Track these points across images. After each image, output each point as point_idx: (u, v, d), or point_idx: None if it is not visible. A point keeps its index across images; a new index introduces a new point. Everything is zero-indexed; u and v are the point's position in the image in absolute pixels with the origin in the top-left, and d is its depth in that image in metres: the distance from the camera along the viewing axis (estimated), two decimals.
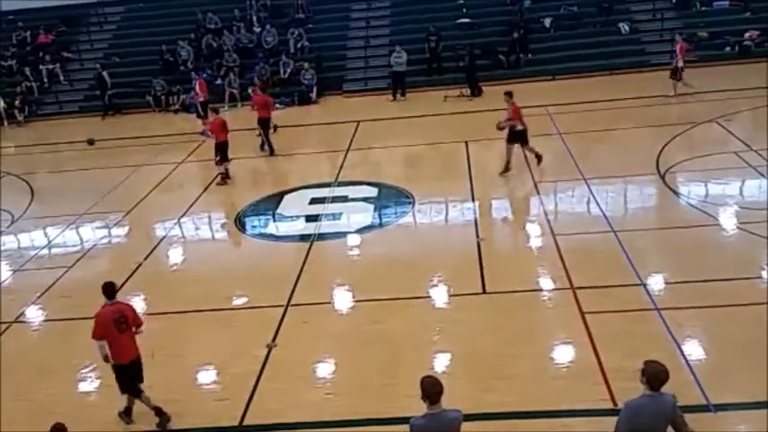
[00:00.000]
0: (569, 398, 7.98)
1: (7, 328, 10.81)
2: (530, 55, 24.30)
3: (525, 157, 15.34)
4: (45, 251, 13.79)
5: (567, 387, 8.21)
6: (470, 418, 6.47)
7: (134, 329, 8.32)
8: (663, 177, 14.12)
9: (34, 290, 11.77)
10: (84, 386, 9.31)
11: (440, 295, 10.72)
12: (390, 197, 14.96)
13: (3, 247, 14.17)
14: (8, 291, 12.24)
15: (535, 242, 12.29)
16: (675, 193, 13.64)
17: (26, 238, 14.56)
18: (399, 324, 9.94)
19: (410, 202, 14.46)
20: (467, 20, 25.82)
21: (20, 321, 11.00)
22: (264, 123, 18.01)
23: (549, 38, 25.19)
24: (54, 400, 8.78)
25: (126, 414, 8.39)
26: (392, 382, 8.66)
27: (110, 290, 8.34)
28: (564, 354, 8.92)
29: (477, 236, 12.48)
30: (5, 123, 24.09)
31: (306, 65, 24.12)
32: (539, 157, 15.09)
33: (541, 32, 25.29)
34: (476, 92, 22.38)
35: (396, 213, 14.24)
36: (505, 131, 14.98)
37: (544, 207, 13.44)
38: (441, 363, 8.99)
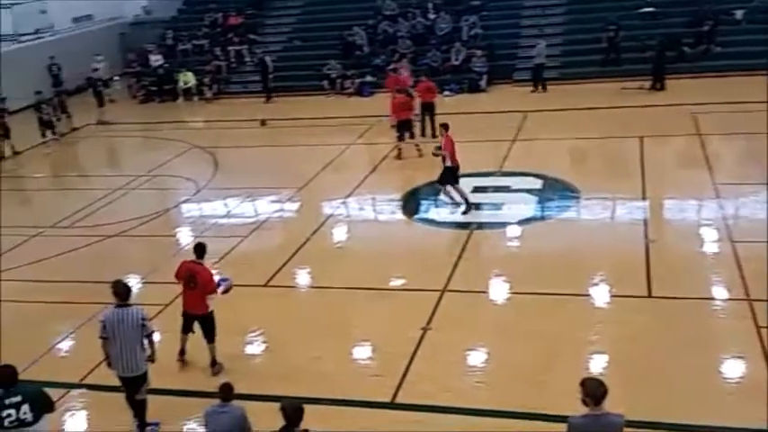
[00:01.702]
0: (734, 416, 7.52)
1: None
2: (718, 48, 22.75)
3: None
4: (224, 220, 14.81)
5: (733, 404, 7.73)
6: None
7: (206, 292, 8.97)
8: None
9: (212, 255, 12.62)
10: (251, 348, 9.94)
11: (601, 294, 10.40)
12: (555, 190, 14.64)
13: (186, 214, 15.39)
14: (189, 255, 13.25)
15: (710, 247, 11.59)
16: None
17: (208, 206, 15.70)
18: (556, 320, 9.77)
19: (576, 197, 14.08)
20: (650, 9, 24.57)
21: None
22: (429, 108, 18.26)
23: (740, 30, 23.42)
24: (224, 358, 9.40)
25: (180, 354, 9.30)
26: (544, 378, 8.56)
27: (199, 250, 9.17)
28: (733, 368, 8.39)
29: (646, 236, 11.96)
30: (196, 99, 25.98)
31: (478, 52, 24.01)
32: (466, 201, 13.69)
33: (732, 25, 23.57)
34: (657, 85, 21.29)
35: (559, 207, 13.93)
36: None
37: (723, 211, 12.62)
38: (597, 364, 8.76)
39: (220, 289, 9.26)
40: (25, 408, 6.45)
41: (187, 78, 25.95)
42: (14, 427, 6.44)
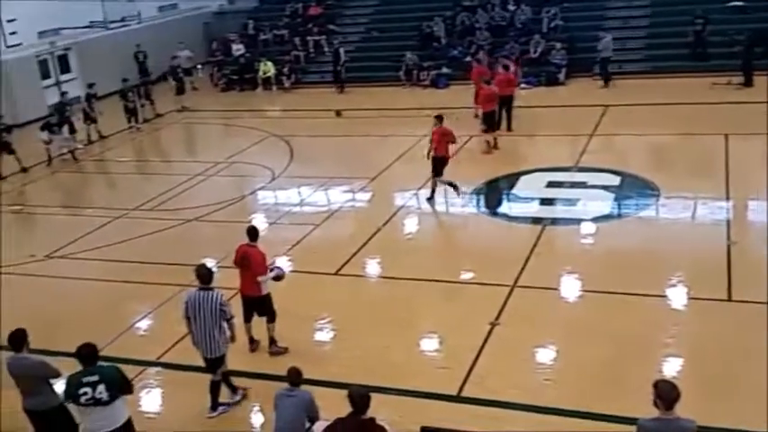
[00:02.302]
0: None
1: None
2: None
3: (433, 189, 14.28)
4: (297, 208, 15.06)
5: None
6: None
7: (256, 273, 9.13)
8: None
9: (286, 242, 12.92)
10: (321, 335, 10.09)
11: (677, 296, 10.11)
12: (633, 187, 14.28)
13: (262, 201, 15.71)
14: (262, 240, 13.53)
15: None
16: None
17: (282, 194, 15.99)
18: (629, 320, 9.56)
19: (655, 195, 13.70)
20: (739, 3, 23.58)
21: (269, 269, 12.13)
22: (507, 101, 18.08)
23: None
24: (294, 343, 9.58)
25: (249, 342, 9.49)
26: (615, 378, 8.40)
27: (252, 233, 9.32)
28: None
29: (728, 238, 11.55)
30: (274, 88, 26.44)
31: (557, 45, 23.59)
32: (432, 191, 14.23)
33: None
34: (748, 81, 20.46)
35: (637, 205, 13.58)
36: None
37: None
38: (671, 367, 8.54)
39: (271, 274, 9.43)
40: (101, 388, 6.68)
41: (267, 68, 26.42)
42: (90, 405, 6.70)
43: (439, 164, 14.20)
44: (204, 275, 8.20)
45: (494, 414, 8.01)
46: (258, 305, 9.38)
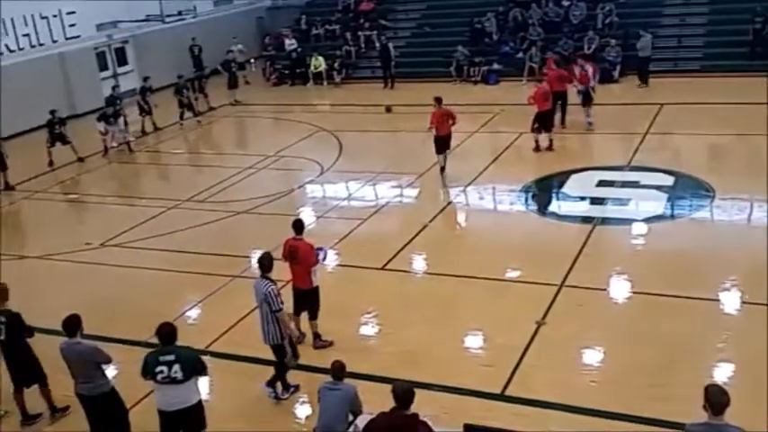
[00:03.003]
0: None
1: None
2: None
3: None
4: (345, 202, 15.15)
5: None
6: None
7: (308, 265, 9.22)
8: None
9: (333, 236, 13.00)
10: (365, 329, 10.15)
11: (731, 300, 9.88)
12: (687, 188, 13.98)
13: (310, 195, 15.85)
14: (309, 234, 13.66)
15: None
16: None
17: (330, 188, 16.09)
18: (679, 323, 9.37)
19: (709, 196, 13.39)
20: None
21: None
22: (561, 97, 17.85)
23: None
24: (339, 337, 9.66)
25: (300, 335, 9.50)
26: (663, 382, 8.26)
27: (298, 226, 9.40)
28: None
29: None
30: (325, 83, 26.60)
31: (612, 41, 23.19)
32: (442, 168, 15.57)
33: None
34: None
35: (691, 206, 13.30)
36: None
37: None
38: (722, 373, 8.35)
39: (321, 258, 9.56)
40: (176, 367, 6.98)
41: (318, 62, 26.60)
42: (166, 383, 7.02)
43: (442, 142, 15.47)
44: (262, 263, 8.38)
45: (537, 414, 7.95)
46: (306, 297, 9.47)
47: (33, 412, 8.65)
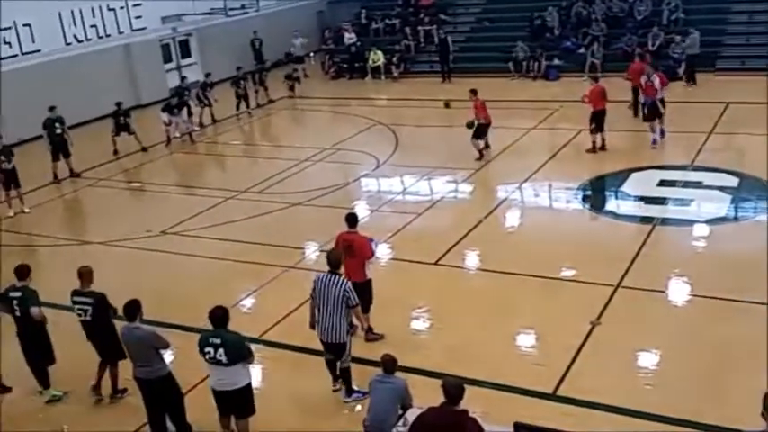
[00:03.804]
0: None
1: None
2: None
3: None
4: (400, 197, 15.17)
5: None
6: None
7: (364, 258, 9.21)
8: None
9: (387, 230, 13.04)
10: (417, 324, 10.16)
11: None
12: (752, 189, 13.57)
13: (365, 188, 15.92)
14: (363, 228, 13.73)
15: None
16: None
17: (386, 182, 16.14)
18: (739, 328, 9.12)
19: None
20: None
21: None
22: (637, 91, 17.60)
23: None
24: (390, 331, 9.70)
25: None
26: (720, 387, 8.07)
27: (351, 219, 9.42)
28: None
29: None
30: (383, 77, 26.65)
31: (677, 38, 22.60)
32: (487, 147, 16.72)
33: None
34: None
35: (756, 208, 12.90)
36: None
37: None
38: None
39: (375, 250, 9.61)
40: (221, 351, 7.22)
41: (376, 56, 26.66)
42: (212, 364, 7.33)
43: (484, 129, 16.47)
44: (332, 260, 8.36)
45: (588, 415, 7.85)
46: (360, 290, 9.47)
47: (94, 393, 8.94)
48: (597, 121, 16.22)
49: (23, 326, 8.79)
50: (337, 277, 8.22)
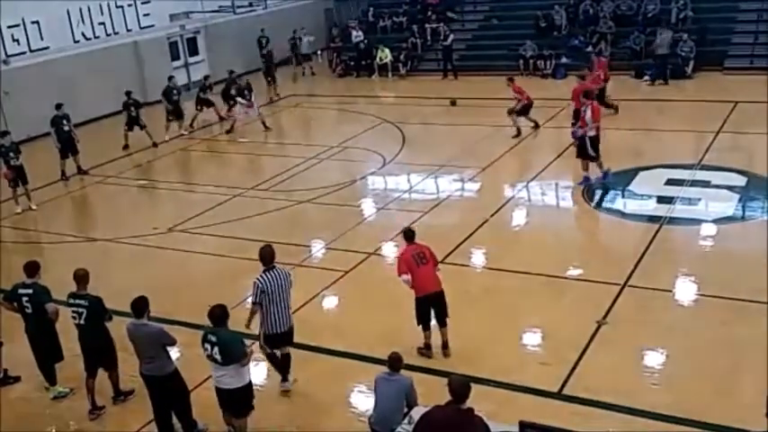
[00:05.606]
0: None
1: (366, 258, 12.15)
2: None
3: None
4: (406, 195, 15.16)
5: None
6: None
7: (437, 262, 9.11)
8: None
9: (392, 228, 13.03)
10: None
11: None
12: (761, 189, 13.49)
13: (372, 186, 15.92)
14: (371, 225, 13.78)
15: None
16: None
17: (392, 180, 16.13)
18: (747, 328, 9.08)
19: None
20: None
21: (377, 254, 12.31)
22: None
23: None
24: (396, 330, 9.70)
25: (425, 348, 9.12)
26: (727, 388, 8.04)
27: (410, 234, 9.16)
28: None
29: None
30: (390, 75, 26.64)
31: (685, 36, 22.50)
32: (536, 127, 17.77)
33: None
34: None
35: (764, 208, 12.83)
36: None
37: None
38: None
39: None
40: (216, 350, 7.27)
41: (384, 54, 26.65)
42: (210, 360, 7.41)
43: (526, 108, 17.68)
44: (265, 256, 8.53)
45: (594, 414, 7.84)
46: (440, 300, 9.06)
47: (100, 397, 8.89)
48: (576, 118, 15.99)
49: (35, 322, 8.77)
50: (283, 269, 8.58)
